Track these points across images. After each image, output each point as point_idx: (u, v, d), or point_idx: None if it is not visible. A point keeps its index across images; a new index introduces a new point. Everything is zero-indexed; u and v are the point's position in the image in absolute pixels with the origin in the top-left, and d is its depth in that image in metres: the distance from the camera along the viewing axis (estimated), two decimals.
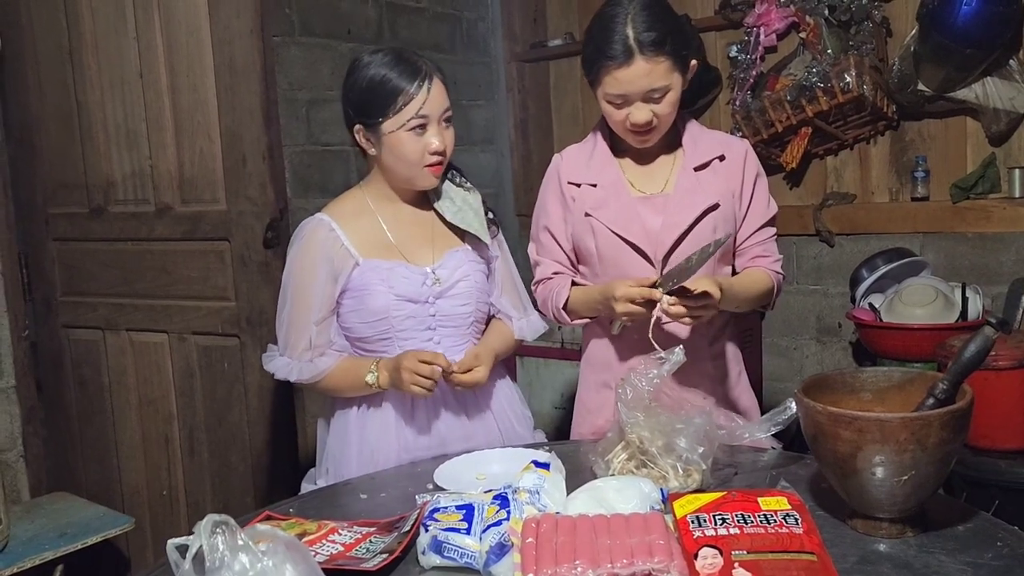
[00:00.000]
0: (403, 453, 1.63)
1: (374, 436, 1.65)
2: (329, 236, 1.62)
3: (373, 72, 1.58)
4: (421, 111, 1.56)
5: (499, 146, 3.55)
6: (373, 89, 1.58)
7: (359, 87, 1.59)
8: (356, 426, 1.66)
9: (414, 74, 1.56)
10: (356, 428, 1.66)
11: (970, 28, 2.32)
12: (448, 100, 1.61)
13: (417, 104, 1.56)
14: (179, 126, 2.28)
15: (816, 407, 1.11)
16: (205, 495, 2.40)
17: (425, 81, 1.56)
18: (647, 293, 1.46)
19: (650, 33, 1.48)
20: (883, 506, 1.11)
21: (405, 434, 1.64)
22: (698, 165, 1.63)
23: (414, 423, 1.65)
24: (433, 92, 1.57)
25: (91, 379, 2.56)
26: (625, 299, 1.47)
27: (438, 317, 1.64)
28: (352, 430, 1.66)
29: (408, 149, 1.58)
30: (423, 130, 1.58)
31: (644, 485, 1.21)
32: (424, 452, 1.63)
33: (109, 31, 2.34)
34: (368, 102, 1.58)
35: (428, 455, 1.61)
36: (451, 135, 1.62)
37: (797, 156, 2.80)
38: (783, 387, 3.05)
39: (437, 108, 1.58)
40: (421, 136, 1.58)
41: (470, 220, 1.68)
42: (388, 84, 1.56)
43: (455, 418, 1.67)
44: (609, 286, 1.52)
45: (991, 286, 2.60)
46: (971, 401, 1.09)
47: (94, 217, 2.48)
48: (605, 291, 1.53)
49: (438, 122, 1.59)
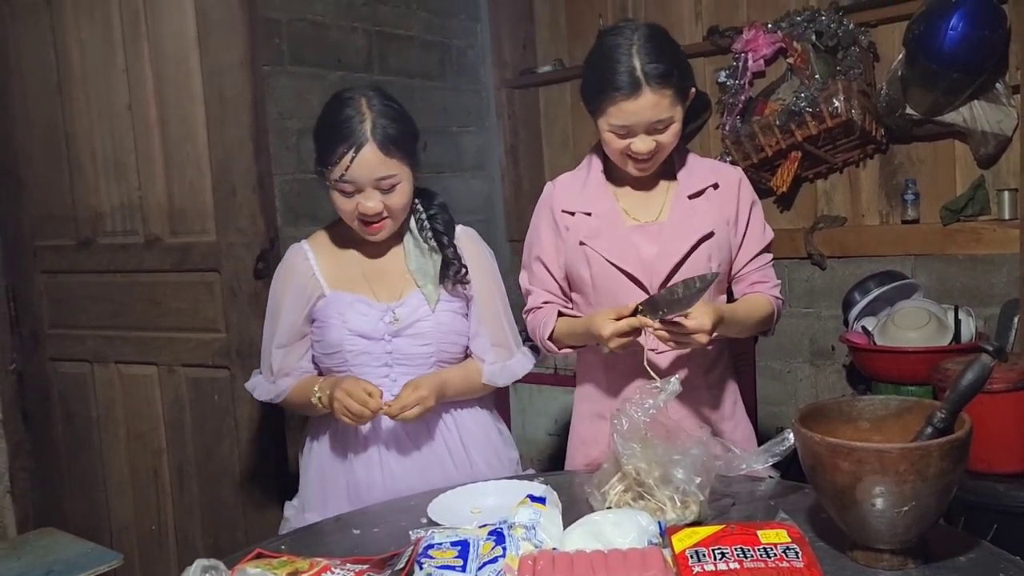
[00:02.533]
0: (351, 489, 1.62)
1: (327, 465, 1.65)
2: (303, 264, 1.64)
3: (324, 115, 1.56)
4: (345, 176, 1.52)
5: (490, 172, 3.55)
6: (318, 134, 1.57)
7: (317, 125, 1.58)
8: (316, 452, 1.68)
9: (345, 137, 1.50)
10: (316, 454, 1.68)
11: (957, 53, 2.34)
12: (392, 166, 1.52)
13: (340, 169, 1.51)
14: (168, 158, 2.28)
15: (814, 438, 1.10)
16: (195, 530, 2.36)
17: (351, 150, 1.49)
18: (634, 323, 1.45)
19: (657, 65, 1.48)
20: (884, 537, 1.09)
21: (355, 471, 1.62)
22: (692, 193, 1.62)
23: (362, 462, 1.62)
24: (360, 160, 1.50)
25: (79, 412, 2.53)
26: (614, 336, 1.46)
27: (395, 355, 1.61)
28: (312, 456, 1.68)
29: (340, 206, 1.57)
30: (352, 193, 1.54)
31: (642, 519, 1.19)
32: (375, 491, 1.60)
33: (98, 63, 2.34)
34: (316, 145, 1.57)
35: (378, 495, 1.59)
36: (395, 198, 1.55)
37: (787, 180, 2.81)
38: (777, 411, 3.04)
39: (366, 176, 1.51)
40: (351, 197, 1.54)
41: (427, 279, 1.62)
42: (326, 136, 1.54)
43: (407, 459, 1.63)
44: (593, 322, 1.50)
45: (983, 308, 2.60)
46: (970, 430, 1.08)
47: (82, 249, 2.46)
48: (589, 326, 1.52)
49: (372, 187, 1.53)
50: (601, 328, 1.47)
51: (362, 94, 1.56)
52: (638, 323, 1.45)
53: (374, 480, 1.61)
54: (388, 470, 1.61)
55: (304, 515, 1.66)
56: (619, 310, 1.48)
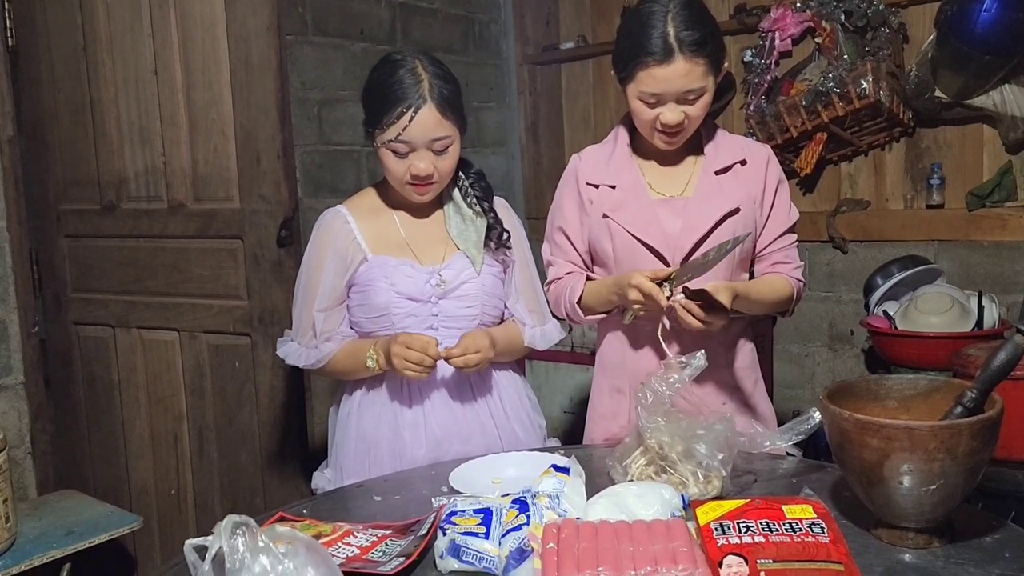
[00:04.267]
0: (397, 450, 1.63)
1: (369, 427, 1.65)
2: (343, 228, 1.63)
3: (377, 78, 1.57)
4: (401, 136, 1.53)
5: (510, 149, 3.54)
6: (371, 96, 1.57)
7: (366, 87, 1.59)
8: (355, 415, 1.67)
9: (403, 97, 1.52)
10: (355, 417, 1.67)
11: (989, 35, 2.31)
12: (446, 128, 1.54)
13: (397, 129, 1.52)
14: (193, 123, 2.27)
15: (843, 414, 1.10)
16: (214, 495, 2.38)
17: (410, 109, 1.51)
18: (656, 294, 1.45)
19: (691, 32, 1.47)
20: (910, 516, 1.09)
21: (400, 431, 1.63)
22: (719, 169, 1.61)
23: (408, 421, 1.63)
24: (418, 120, 1.52)
25: (100, 376, 2.54)
26: (637, 287, 1.46)
27: (441, 317, 1.62)
28: (352, 419, 1.68)
29: (390, 166, 1.57)
30: (406, 154, 1.55)
31: (665, 491, 1.19)
32: (419, 450, 1.62)
33: (124, 28, 2.33)
34: (367, 107, 1.58)
35: (423, 453, 1.61)
36: (446, 161, 1.57)
37: (811, 162, 2.79)
38: (794, 394, 3.03)
39: (421, 136, 1.53)
40: (403, 158, 1.56)
41: (469, 244, 1.65)
42: (380, 97, 1.54)
43: (450, 417, 1.64)
44: (624, 274, 1.52)
45: (1007, 295, 2.58)
46: (1001, 410, 1.07)
47: (106, 214, 2.46)
48: (620, 279, 1.53)
49: (426, 148, 1.55)
50: (631, 275, 1.48)
51: (415, 57, 1.57)
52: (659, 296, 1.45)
53: (419, 440, 1.62)
54: (431, 433, 1.62)
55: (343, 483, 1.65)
56: (654, 272, 1.48)
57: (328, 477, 1.71)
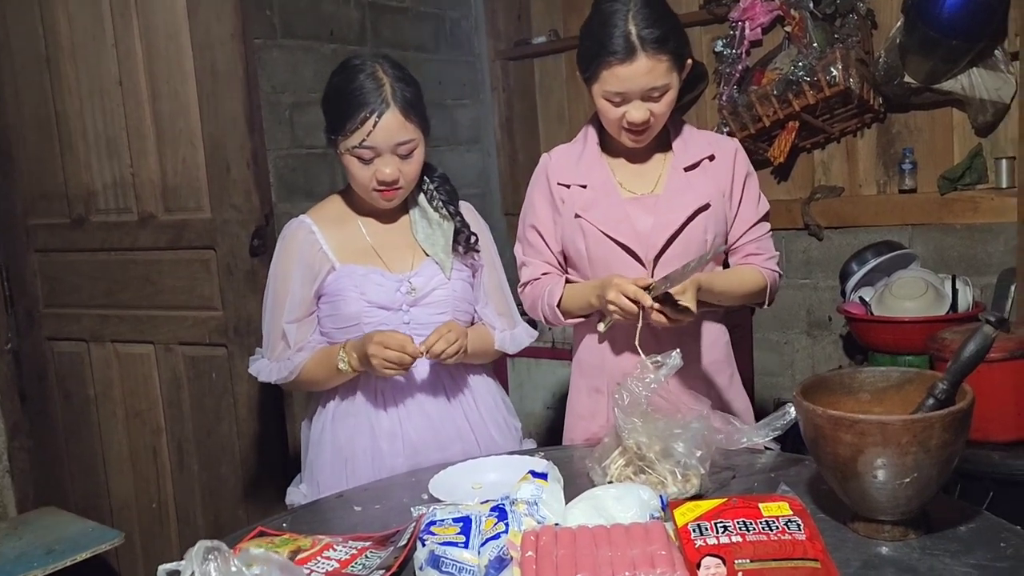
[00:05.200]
0: (375, 460, 1.61)
1: (345, 439, 1.63)
2: (308, 238, 1.61)
3: (338, 83, 1.54)
4: (365, 142, 1.51)
5: (485, 145, 3.52)
6: (331, 102, 1.55)
7: (326, 93, 1.57)
8: (330, 429, 1.65)
9: (365, 102, 1.49)
10: (330, 431, 1.65)
11: (956, 19, 2.32)
12: (410, 131, 1.53)
13: (360, 135, 1.50)
14: (161, 134, 2.24)
15: (816, 410, 1.10)
16: (195, 508, 2.37)
17: (373, 114, 1.49)
18: (639, 295, 1.44)
19: (652, 30, 1.47)
20: (885, 509, 1.10)
21: (377, 441, 1.62)
22: (688, 165, 1.61)
23: (385, 430, 1.62)
24: (382, 124, 1.50)
25: (76, 392, 2.52)
26: (619, 289, 1.46)
27: (412, 325, 1.60)
28: (326, 434, 1.66)
29: (355, 173, 1.55)
30: (371, 159, 1.53)
31: (643, 493, 1.19)
32: (397, 459, 1.61)
33: (87, 38, 2.30)
34: (328, 114, 1.56)
35: (401, 462, 1.60)
36: (411, 165, 1.56)
37: (785, 150, 2.79)
38: (774, 381, 3.05)
39: (386, 141, 1.51)
40: (368, 164, 1.54)
41: (437, 249, 1.63)
42: (342, 103, 1.52)
43: (427, 425, 1.63)
44: (606, 277, 1.52)
45: (980, 277, 2.60)
46: (972, 401, 1.08)
47: (76, 227, 2.43)
48: (602, 282, 1.52)
49: (391, 153, 1.53)
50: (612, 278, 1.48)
51: (375, 61, 1.55)
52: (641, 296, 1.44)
53: (396, 449, 1.61)
54: (408, 440, 1.61)
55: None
56: (637, 280, 1.48)
57: (303, 492, 1.68)
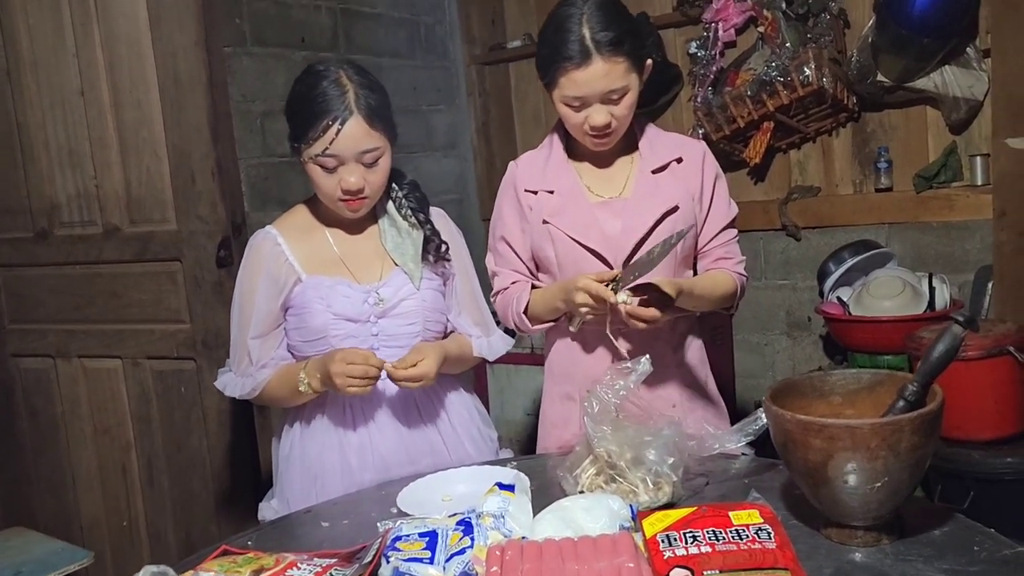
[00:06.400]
0: (345, 476, 1.58)
1: (314, 456, 1.60)
2: (274, 250, 1.57)
3: (301, 90, 1.51)
4: (329, 150, 1.47)
5: (462, 151, 3.50)
6: (294, 109, 1.51)
7: (289, 101, 1.53)
8: (298, 446, 1.62)
9: (328, 109, 1.45)
10: (298, 448, 1.62)
11: (927, 17, 2.31)
12: (375, 139, 1.49)
13: (323, 143, 1.46)
14: (124, 144, 2.20)
15: (784, 415, 1.08)
16: (167, 525, 2.32)
17: (336, 122, 1.45)
18: (604, 293, 1.42)
19: (607, 33, 1.45)
20: (857, 514, 1.08)
21: (346, 456, 1.58)
22: (656, 168, 1.59)
23: (354, 445, 1.58)
24: (346, 132, 1.46)
25: (43, 409, 2.47)
26: (584, 290, 1.44)
27: (381, 337, 1.57)
28: (295, 450, 1.62)
29: (320, 182, 1.51)
30: (334, 168, 1.49)
31: (613, 503, 1.17)
32: (367, 474, 1.57)
33: (47, 49, 2.26)
34: (291, 121, 1.52)
35: (370, 477, 1.56)
36: (376, 174, 1.51)
37: (760, 151, 2.78)
38: (755, 383, 3.03)
39: (350, 149, 1.47)
40: (332, 173, 1.50)
41: (406, 257, 1.59)
42: (305, 111, 1.48)
43: (397, 439, 1.59)
44: (570, 279, 1.50)
45: (957, 275, 2.60)
46: (941, 403, 1.06)
47: (39, 241, 2.39)
48: (565, 285, 1.50)
49: (355, 161, 1.49)
50: (576, 279, 1.45)
51: (338, 67, 1.52)
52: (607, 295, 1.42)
53: (366, 464, 1.57)
54: (379, 455, 1.57)
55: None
56: (600, 275, 1.46)
57: (274, 508, 1.65)
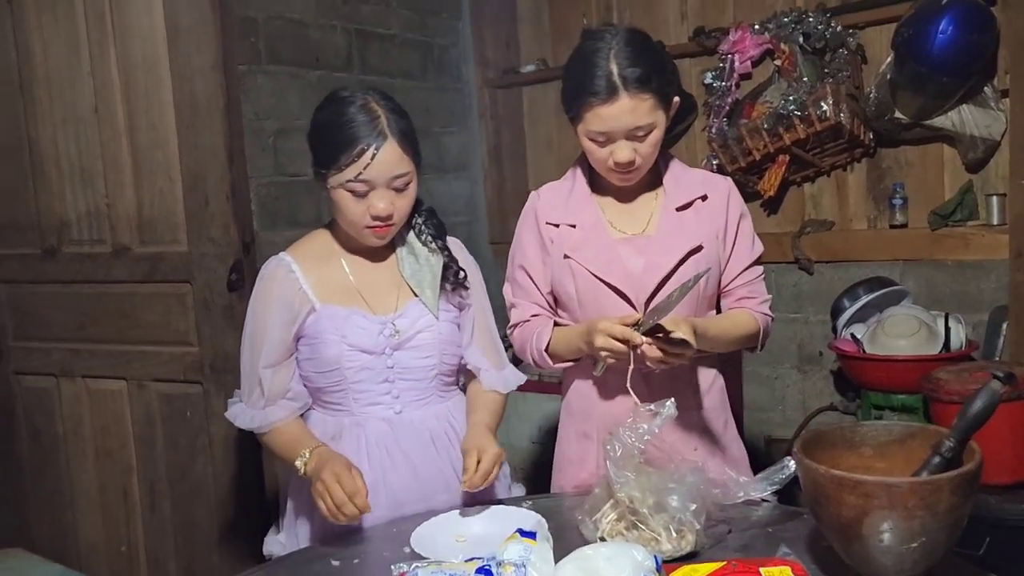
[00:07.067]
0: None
1: None
2: (288, 278, 1.53)
3: (328, 117, 1.49)
4: (362, 175, 1.45)
5: (472, 173, 3.48)
6: (322, 136, 1.49)
7: (314, 127, 1.51)
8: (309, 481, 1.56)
9: (360, 135, 1.44)
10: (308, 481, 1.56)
11: (946, 56, 2.30)
12: (406, 164, 1.48)
13: (357, 169, 1.44)
14: (138, 165, 2.19)
15: (818, 469, 1.05)
16: (167, 552, 2.28)
17: (371, 147, 1.43)
18: (627, 334, 1.40)
19: (635, 69, 1.43)
20: (890, 573, 1.05)
21: None
22: (680, 205, 1.57)
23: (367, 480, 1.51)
24: (380, 158, 1.44)
25: (44, 429, 2.43)
26: (606, 332, 1.41)
27: (396, 369, 1.53)
28: (305, 483, 1.55)
29: (347, 209, 1.48)
30: (365, 194, 1.47)
31: (637, 553, 1.13)
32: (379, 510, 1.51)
33: (62, 66, 2.24)
34: (316, 148, 1.50)
35: (383, 513, 1.51)
36: (405, 200, 1.50)
37: (775, 184, 2.77)
38: (765, 417, 3.00)
39: (382, 174, 1.45)
40: (362, 199, 1.47)
41: (424, 285, 1.56)
42: (335, 137, 1.46)
43: (411, 475, 1.55)
44: (591, 321, 1.47)
45: (971, 314, 2.57)
46: (980, 462, 1.03)
47: (47, 258, 2.36)
48: (588, 327, 1.47)
49: (386, 187, 1.47)
50: (597, 321, 1.43)
51: (364, 92, 1.50)
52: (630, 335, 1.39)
53: (378, 502, 1.51)
54: (392, 493, 1.53)
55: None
56: (623, 318, 1.43)
57: (281, 542, 1.61)
